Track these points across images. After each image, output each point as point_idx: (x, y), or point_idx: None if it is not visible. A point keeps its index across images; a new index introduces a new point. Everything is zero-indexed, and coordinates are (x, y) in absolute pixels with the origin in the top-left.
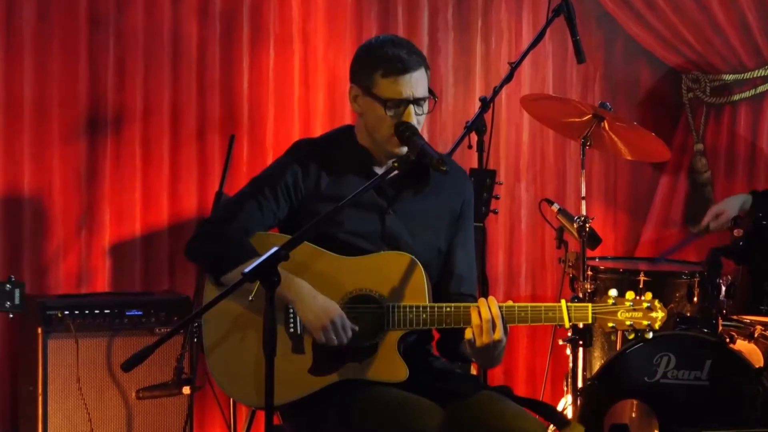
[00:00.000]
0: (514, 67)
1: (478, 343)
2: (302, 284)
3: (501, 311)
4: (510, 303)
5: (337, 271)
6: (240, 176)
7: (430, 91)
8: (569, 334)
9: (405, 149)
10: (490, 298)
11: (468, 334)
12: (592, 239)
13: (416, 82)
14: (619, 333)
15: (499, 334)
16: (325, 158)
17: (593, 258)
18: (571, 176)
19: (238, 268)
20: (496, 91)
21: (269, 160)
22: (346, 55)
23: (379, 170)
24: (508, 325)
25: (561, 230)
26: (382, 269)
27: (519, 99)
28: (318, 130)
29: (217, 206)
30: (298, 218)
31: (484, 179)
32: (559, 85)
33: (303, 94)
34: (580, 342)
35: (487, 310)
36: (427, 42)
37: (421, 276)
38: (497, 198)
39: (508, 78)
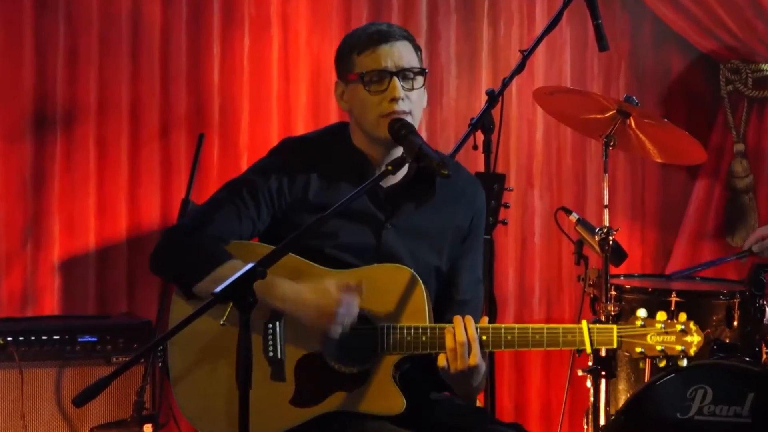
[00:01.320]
0: (526, 55)
1: (452, 369)
2: (284, 286)
3: (477, 333)
4: (521, 325)
5: (341, 277)
6: (210, 181)
7: (422, 71)
8: (590, 363)
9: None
10: (467, 317)
11: (441, 360)
12: (616, 254)
13: (398, 52)
14: (648, 361)
15: (475, 359)
16: (315, 161)
17: (617, 276)
18: (591, 181)
19: (212, 275)
20: (506, 83)
21: (244, 163)
22: (332, 41)
23: (372, 175)
24: (489, 350)
25: (580, 244)
26: (375, 284)
27: (532, 92)
28: (300, 128)
29: (184, 215)
30: (280, 229)
31: (492, 185)
32: (578, 77)
33: (282, 86)
34: (603, 372)
35: (462, 332)
36: (426, 26)
37: (421, 293)
38: (507, 206)
39: (520, 68)
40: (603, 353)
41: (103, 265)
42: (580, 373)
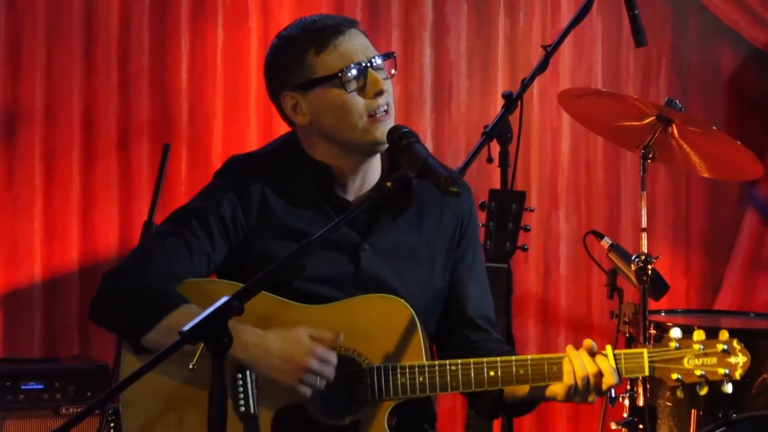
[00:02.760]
0: (550, 51)
1: (571, 401)
2: (247, 333)
3: (616, 360)
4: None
5: (302, 324)
6: (177, 200)
7: (391, 54)
8: (625, 414)
9: (384, 131)
10: (587, 342)
11: (554, 391)
12: (656, 286)
13: (358, 41)
14: (695, 412)
15: (603, 390)
16: (270, 180)
17: (658, 311)
18: (627, 200)
19: (163, 324)
20: (526, 85)
21: None
22: None
23: (343, 192)
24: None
25: (614, 274)
26: (360, 319)
27: (556, 95)
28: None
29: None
30: (239, 262)
31: (510, 204)
32: (610, 77)
33: (263, 87)
34: (640, 426)
35: (581, 365)
36: (432, 18)
37: (414, 325)
38: (527, 230)
39: (542, 67)
40: (640, 402)
41: (51, 300)
42: (613, 426)
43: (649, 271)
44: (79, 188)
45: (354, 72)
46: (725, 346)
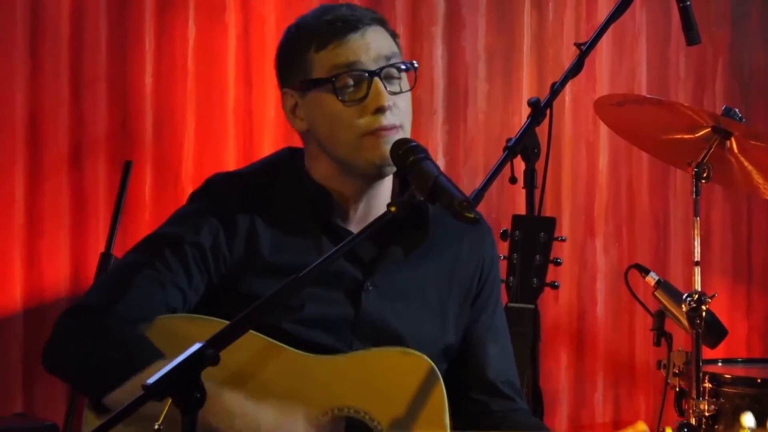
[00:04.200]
0: (585, 50)
1: None
2: (234, 403)
3: None
4: None
5: (302, 378)
6: (140, 227)
7: (411, 65)
8: None
9: (387, 150)
10: (640, 427)
11: None
12: (712, 331)
13: (373, 41)
14: None
15: None
16: (259, 204)
17: (714, 361)
18: (677, 228)
19: (133, 383)
20: (556, 90)
21: None
22: None
23: (344, 221)
24: None
25: (661, 316)
26: (374, 376)
27: (593, 103)
28: (266, 150)
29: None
30: (219, 300)
31: (537, 233)
32: (657, 81)
33: (242, 94)
34: None
35: None
36: (444, 11)
37: (439, 389)
38: (558, 263)
39: (576, 69)
40: None
41: None
42: None
43: (704, 313)
44: (23, 214)
45: (351, 79)
46: None
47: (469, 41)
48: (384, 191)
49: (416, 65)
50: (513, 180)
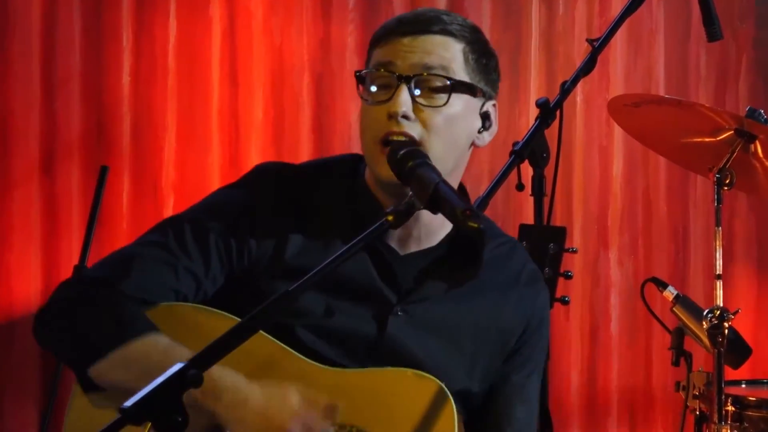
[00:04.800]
0: (598, 47)
1: None
2: (225, 377)
3: None
4: None
5: (309, 389)
6: (117, 238)
7: (462, 84)
8: None
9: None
10: None
11: None
12: (735, 349)
13: (422, 47)
14: None
15: None
16: (299, 203)
17: (737, 382)
18: (697, 239)
19: (118, 353)
20: (567, 90)
21: (168, 209)
22: (305, 25)
23: (388, 237)
24: None
25: (680, 333)
26: (381, 396)
27: (606, 103)
28: (254, 157)
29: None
30: (239, 296)
31: (546, 244)
32: (675, 80)
33: (228, 94)
34: None
35: None
36: (444, 4)
37: (450, 417)
38: (568, 277)
39: (588, 67)
40: None
41: None
42: None
43: (726, 331)
44: None
45: (379, 79)
46: None
47: None
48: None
49: (465, 84)
50: (520, 187)
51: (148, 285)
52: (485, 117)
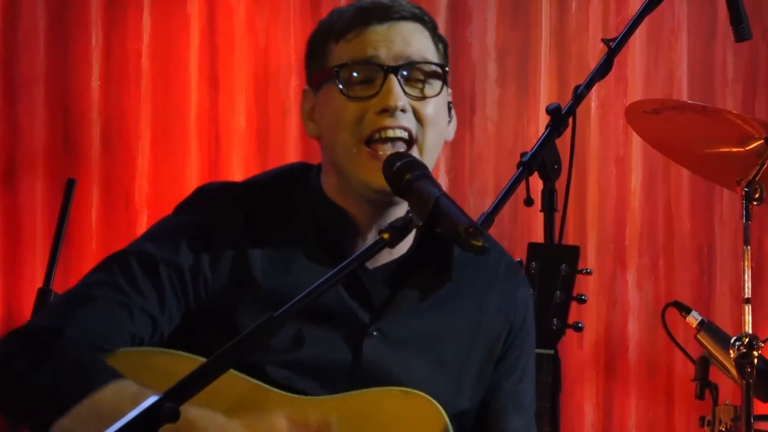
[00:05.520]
0: (614, 48)
1: None
2: (205, 420)
3: None
4: None
5: (297, 413)
6: (86, 258)
7: (441, 70)
8: None
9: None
10: None
11: None
12: (765, 381)
13: (401, 35)
14: None
15: None
16: (257, 223)
17: (767, 417)
18: (723, 259)
19: (83, 407)
20: (580, 95)
21: (142, 226)
22: (291, 23)
23: (352, 248)
24: None
25: (705, 362)
26: (368, 420)
27: (624, 110)
28: (237, 169)
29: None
30: (197, 334)
31: (558, 264)
32: (699, 84)
33: (207, 98)
34: None
35: None
36: (447, 1)
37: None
38: (582, 301)
39: (604, 70)
40: None
41: None
42: None
43: (756, 360)
44: None
45: (358, 72)
46: None
47: (476, 37)
48: (399, 214)
49: (446, 68)
50: (529, 202)
51: (103, 330)
52: (449, 108)
